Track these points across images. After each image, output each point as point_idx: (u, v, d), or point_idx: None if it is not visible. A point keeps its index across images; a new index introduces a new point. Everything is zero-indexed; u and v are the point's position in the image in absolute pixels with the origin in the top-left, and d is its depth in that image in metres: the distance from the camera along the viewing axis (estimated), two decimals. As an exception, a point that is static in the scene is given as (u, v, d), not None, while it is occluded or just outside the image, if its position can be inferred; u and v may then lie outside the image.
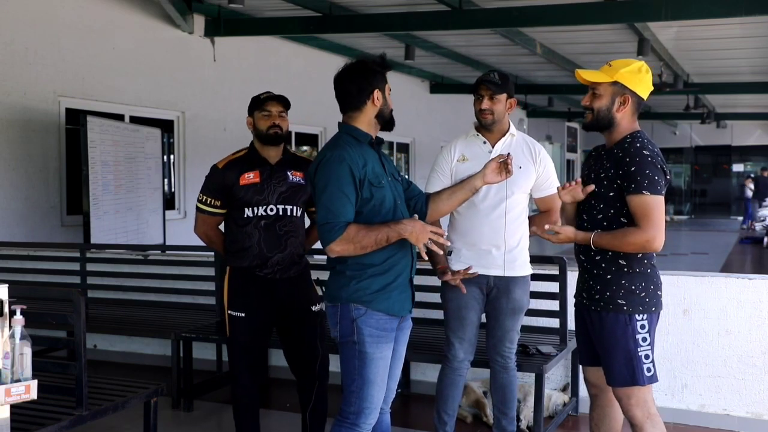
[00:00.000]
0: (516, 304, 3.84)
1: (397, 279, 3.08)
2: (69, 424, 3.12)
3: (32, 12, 7.78)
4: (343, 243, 2.93)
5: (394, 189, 3.16)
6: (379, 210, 3.04)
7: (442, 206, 3.36)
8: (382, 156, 3.19)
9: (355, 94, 3.09)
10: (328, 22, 9.72)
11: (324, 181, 2.98)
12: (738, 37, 11.52)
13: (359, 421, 3.04)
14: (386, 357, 3.07)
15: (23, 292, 3.11)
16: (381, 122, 3.16)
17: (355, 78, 3.09)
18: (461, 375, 3.94)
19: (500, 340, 3.87)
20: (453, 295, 3.84)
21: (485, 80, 3.77)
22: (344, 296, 3.03)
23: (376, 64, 3.13)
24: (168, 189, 9.79)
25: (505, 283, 3.82)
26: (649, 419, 3.16)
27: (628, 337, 3.11)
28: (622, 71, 3.14)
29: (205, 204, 3.87)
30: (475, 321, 3.87)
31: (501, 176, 3.34)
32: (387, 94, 3.13)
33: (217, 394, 5.34)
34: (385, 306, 3.04)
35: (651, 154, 3.09)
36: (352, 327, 3.02)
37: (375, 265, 3.02)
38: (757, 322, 4.58)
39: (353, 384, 3.03)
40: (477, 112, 3.81)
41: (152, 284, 6.05)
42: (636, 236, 3.05)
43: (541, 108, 21.70)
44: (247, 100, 3.91)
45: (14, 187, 7.64)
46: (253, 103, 3.85)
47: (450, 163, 3.87)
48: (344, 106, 3.15)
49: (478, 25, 9.56)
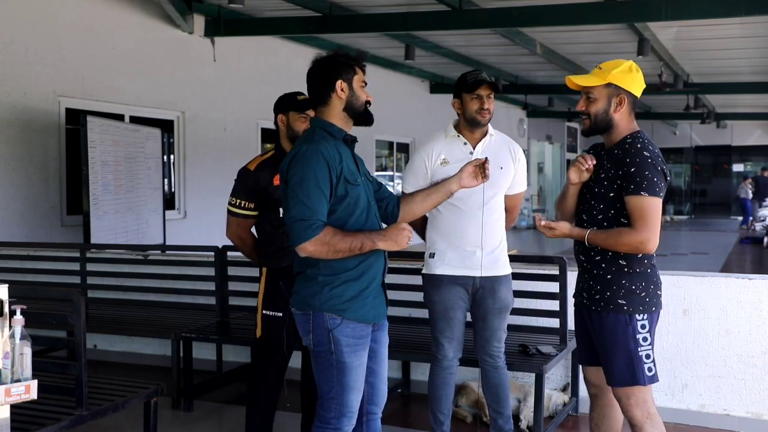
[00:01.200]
0: (502, 303, 3.85)
1: (371, 285, 3.01)
2: (69, 424, 3.12)
3: (32, 12, 7.78)
4: (317, 244, 2.84)
5: (368, 189, 3.10)
6: (353, 209, 2.97)
7: (416, 208, 3.32)
8: (355, 155, 3.13)
9: (318, 87, 3.03)
10: (328, 22, 9.72)
11: (300, 176, 2.87)
12: (738, 37, 11.52)
13: (341, 424, 3.00)
14: (363, 362, 3.02)
15: (23, 292, 3.11)
16: (352, 116, 3.05)
17: (318, 71, 3.03)
18: (452, 373, 3.94)
19: (488, 341, 3.87)
20: (439, 297, 3.85)
21: (485, 79, 3.77)
22: (317, 304, 2.94)
23: (341, 56, 3.05)
24: (168, 189, 9.80)
25: (490, 283, 3.82)
26: (648, 419, 3.15)
27: (629, 337, 3.11)
28: (614, 72, 3.14)
29: (238, 207, 3.83)
30: (462, 320, 3.89)
31: (477, 180, 3.32)
32: (358, 85, 3.04)
33: (217, 394, 5.34)
34: (360, 314, 2.97)
35: (651, 155, 3.09)
36: (327, 337, 2.94)
37: (348, 269, 2.94)
38: (757, 322, 4.58)
39: (332, 391, 2.98)
40: (475, 112, 3.78)
41: (152, 284, 6.04)
42: (630, 237, 3.05)
43: (541, 108, 21.71)
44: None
45: (14, 187, 7.64)
46: (290, 102, 3.79)
47: (430, 166, 3.83)
48: (313, 102, 3.09)
49: (478, 25, 9.57)
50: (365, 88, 3.08)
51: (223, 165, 10.44)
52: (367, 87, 3.11)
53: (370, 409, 3.18)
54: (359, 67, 3.06)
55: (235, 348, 5.92)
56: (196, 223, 10.02)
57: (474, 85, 3.77)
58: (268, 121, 12.52)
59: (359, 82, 3.05)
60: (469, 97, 3.79)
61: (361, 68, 3.07)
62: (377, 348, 3.15)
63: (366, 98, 3.08)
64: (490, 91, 3.79)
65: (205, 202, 10.14)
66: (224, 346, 5.84)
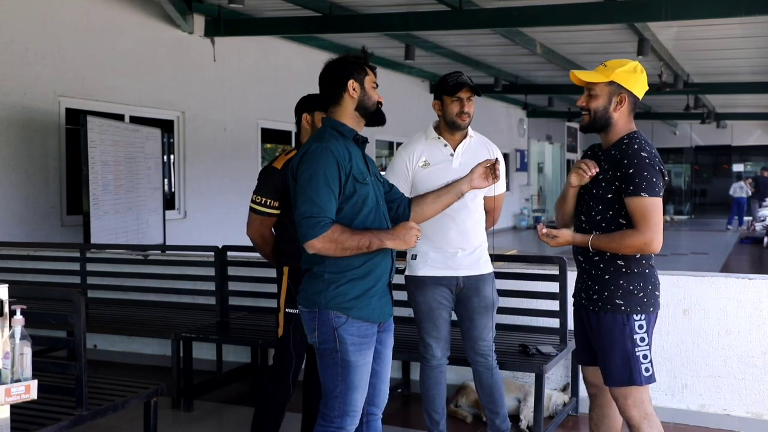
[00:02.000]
0: (487, 302, 3.86)
1: (376, 284, 3.02)
2: (69, 424, 3.12)
3: (32, 12, 7.78)
4: (325, 241, 2.86)
5: (377, 189, 3.12)
6: (360, 208, 2.99)
7: (427, 210, 3.33)
8: (365, 155, 3.16)
9: (330, 87, 3.08)
10: (328, 22, 9.73)
11: (309, 173, 2.90)
12: (738, 37, 11.52)
13: (344, 423, 3.01)
14: (369, 361, 3.04)
15: (23, 292, 3.11)
16: (364, 115, 3.10)
17: (330, 72, 3.08)
18: (442, 372, 3.95)
19: (476, 341, 3.88)
20: (423, 298, 3.85)
21: (465, 82, 3.76)
22: (322, 302, 2.96)
23: (352, 57, 3.11)
24: (168, 189, 9.80)
25: (473, 282, 3.84)
26: (646, 419, 3.15)
27: (626, 338, 3.11)
28: (618, 71, 3.14)
29: (263, 205, 3.78)
30: (448, 319, 3.90)
31: (488, 181, 3.34)
32: (369, 86, 3.09)
33: (217, 394, 5.34)
34: (365, 313, 2.98)
35: (649, 155, 3.08)
36: (333, 335, 2.95)
37: (354, 267, 2.96)
38: (757, 322, 4.58)
39: (336, 389, 2.99)
40: (455, 115, 3.76)
41: (152, 284, 6.04)
42: (634, 238, 3.05)
43: (541, 108, 21.73)
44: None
45: (14, 187, 7.65)
46: (316, 102, 3.75)
47: (411, 168, 3.83)
48: (326, 103, 3.13)
49: (478, 25, 9.58)
50: (377, 90, 3.12)
51: (223, 165, 10.47)
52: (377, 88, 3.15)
53: (370, 410, 3.19)
54: (370, 69, 3.12)
55: (235, 348, 5.92)
56: (196, 223, 10.03)
57: (454, 87, 3.75)
58: (268, 121, 12.53)
59: (371, 82, 3.10)
60: (450, 99, 3.78)
61: (372, 70, 3.13)
62: (381, 349, 3.16)
63: (378, 99, 3.12)
64: (471, 94, 3.78)
65: (205, 202, 10.15)
66: (224, 346, 5.84)
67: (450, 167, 3.77)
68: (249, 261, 5.68)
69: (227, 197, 10.41)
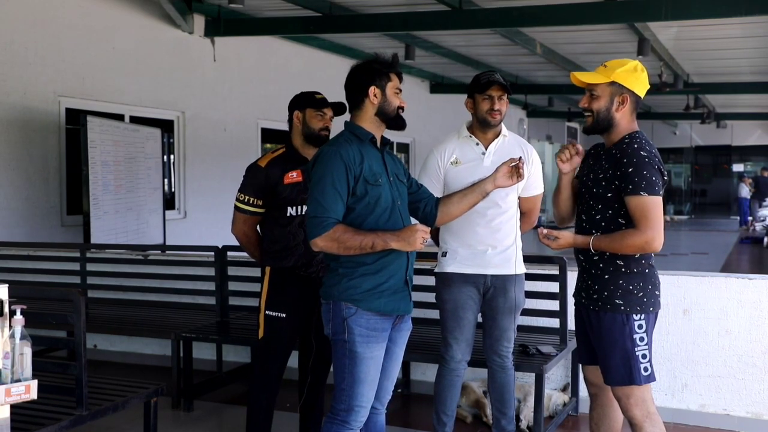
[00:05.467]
0: (513, 303, 3.84)
1: (389, 280, 3.07)
2: (69, 424, 3.12)
3: (32, 12, 7.78)
4: (327, 240, 2.97)
5: (395, 190, 3.16)
6: (373, 208, 3.06)
7: (453, 209, 3.36)
8: (386, 156, 3.20)
9: (353, 92, 3.17)
10: (328, 22, 9.72)
11: (319, 175, 3.02)
12: (738, 37, 11.52)
13: (349, 418, 3.05)
14: (377, 357, 3.08)
15: (23, 292, 3.11)
16: (384, 120, 3.16)
17: (354, 77, 3.17)
18: (459, 375, 3.94)
19: (497, 340, 3.88)
20: (449, 296, 3.85)
21: (497, 80, 3.78)
22: (336, 294, 3.06)
23: (377, 63, 3.17)
24: (168, 189, 9.80)
25: (501, 281, 3.83)
26: (648, 418, 3.16)
27: (626, 337, 3.12)
28: (619, 71, 3.14)
29: (246, 203, 3.82)
30: (473, 321, 3.88)
31: (512, 180, 3.34)
32: (391, 92, 3.14)
33: (217, 394, 5.35)
34: (375, 305, 3.04)
35: (648, 154, 3.09)
36: (343, 326, 3.04)
37: (366, 264, 3.04)
38: (757, 322, 4.58)
39: (344, 382, 3.05)
40: (485, 112, 3.79)
41: (152, 284, 6.04)
42: (635, 238, 3.06)
43: (541, 108, 21.71)
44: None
45: (14, 187, 7.64)
46: (307, 101, 3.80)
47: (443, 166, 3.86)
48: (350, 106, 3.23)
49: (478, 25, 9.57)
50: (399, 95, 3.17)
51: (223, 165, 10.46)
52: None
53: (373, 404, 3.20)
54: (395, 74, 3.17)
55: (235, 348, 5.92)
56: (196, 223, 10.02)
57: (486, 85, 3.79)
58: (268, 121, 12.54)
59: (393, 88, 3.16)
60: (481, 97, 3.81)
61: (398, 75, 3.18)
62: (393, 347, 3.19)
63: (399, 104, 3.17)
64: (502, 93, 3.80)
65: (205, 202, 10.14)
66: (224, 346, 5.84)
67: (481, 166, 3.78)
68: (249, 261, 5.64)
69: (227, 197, 10.28)
